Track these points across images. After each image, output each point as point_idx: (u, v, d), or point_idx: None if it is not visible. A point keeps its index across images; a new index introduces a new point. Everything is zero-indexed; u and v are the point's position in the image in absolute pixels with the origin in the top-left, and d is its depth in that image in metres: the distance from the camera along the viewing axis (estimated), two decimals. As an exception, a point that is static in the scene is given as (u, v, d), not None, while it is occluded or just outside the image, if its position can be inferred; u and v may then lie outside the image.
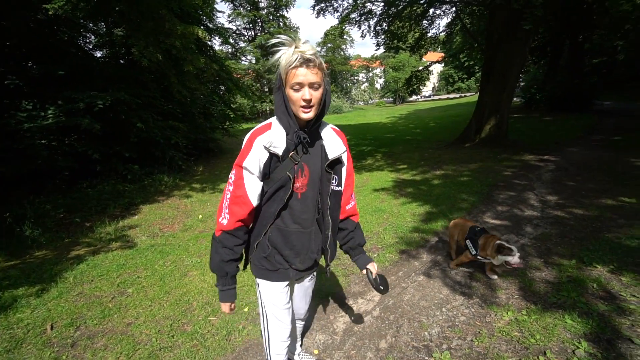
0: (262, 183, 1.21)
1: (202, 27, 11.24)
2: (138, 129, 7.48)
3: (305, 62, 1.03)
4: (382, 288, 1.39)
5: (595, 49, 22.62)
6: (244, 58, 29.91)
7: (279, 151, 1.16)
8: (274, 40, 1.08)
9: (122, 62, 9.31)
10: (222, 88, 14.17)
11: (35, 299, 2.69)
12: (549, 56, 18.91)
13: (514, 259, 2.27)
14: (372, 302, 2.41)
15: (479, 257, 2.46)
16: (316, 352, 1.97)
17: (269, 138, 1.15)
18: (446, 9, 11.02)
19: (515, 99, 14.99)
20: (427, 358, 1.83)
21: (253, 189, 1.19)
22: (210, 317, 2.35)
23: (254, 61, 29.54)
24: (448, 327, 2.07)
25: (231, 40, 27.86)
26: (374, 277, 1.41)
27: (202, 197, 6.67)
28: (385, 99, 50.57)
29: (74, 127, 6.41)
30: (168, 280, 2.97)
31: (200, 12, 11.14)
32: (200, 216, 5.35)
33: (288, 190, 1.19)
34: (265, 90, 30.42)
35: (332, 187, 1.28)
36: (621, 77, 22.29)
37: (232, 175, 1.20)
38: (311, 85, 1.07)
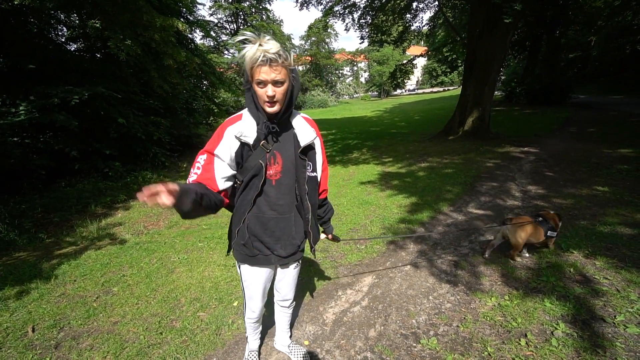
0: (232, 170, 1.27)
1: (182, 20, 10.94)
2: (118, 124, 7.25)
3: (268, 60, 1.07)
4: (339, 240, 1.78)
5: (570, 44, 23.43)
6: (226, 52, 29.28)
7: (250, 140, 1.22)
8: (239, 38, 1.14)
9: (98, 56, 8.94)
10: (205, 82, 13.86)
11: (14, 302, 2.59)
12: (528, 50, 19.45)
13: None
14: (360, 292, 2.45)
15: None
16: (306, 342, 1.99)
17: (240, 128, 1.21)
18: (429, 2, 11.11)
19: (496, 92, 15.37)
20: (415, 344, 1.88)
21: (221, 174, 1.24)
22: (199, 313, 2.33)
23: (237, 54, 28.99)
24: (435, 314, 2.13)
25: (213, 34, 27.20)
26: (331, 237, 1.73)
27: (188, 194, 6.55)
28: (370, 93, 50.80)
29: (48, 124, 6.13)
30: (155, 277, 2.92)
31: (180, 4, 10.81)
32: (186, 213, 5.26)
33: (261, 177, 1.25)
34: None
35: (307, 173, 1.36)
36: (594, 72, 23.20)
37: (199, 160, 1.22)
38: (274, 83, 1.12)
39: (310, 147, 1.36)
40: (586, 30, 20.02)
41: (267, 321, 2.08)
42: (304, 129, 1.33)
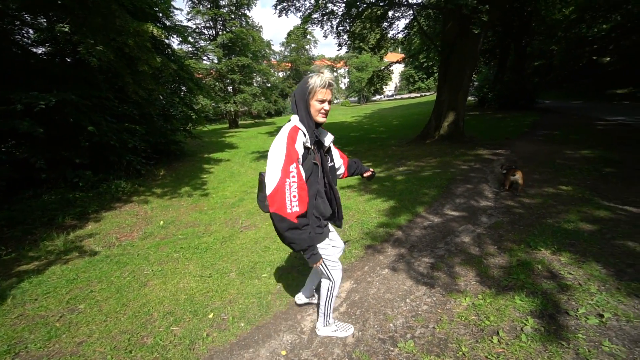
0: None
1: (158, 25, 10.70)
2: (89, 132, 6.94)
3: (329, 85, 1.57)
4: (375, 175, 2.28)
5: (535, 53, 24.88)
6: (205, 57, 28.86)
7: (310, 145, 1.60)
8: (313, 73, 1.63)
9: (69, 60, 8.55)
10: (183, 89, 13.58)
11: (-35, 326, 2.40)
12: (498, 58, 20.44)
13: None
14: (339, 298, 2.45)
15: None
16: (284, 353, 1.95)
17: (305, 137, 1.58)
18: (404, 11, 11.45)
19: (470, 97, 16.03)
20: (392, 349, 1.89)
21: (304, 176, 1.57)
22: (172, 327, 2.24)
23: (215, 60, 28.61)
24: (412, 317, 2.15)
25: (191, 39, 26.73)
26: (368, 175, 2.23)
27: (163, 203, 6.36)
28: (350, 99, 51.46)
29: (10, 132, 5.79)
30: (125, 292, 2.79)
31: (157, 9, 10.59)
32: (162, 222, 5.10)
33: (317, 174, 1.67)
34: (229, 90, 29.58)
35: (329, 164, 1.82)
36: (557, 79, 24.71)
37: (292, 169, 1.49)
38: (329, 102, 1.61)
39: (329, 148, 1.86)
40: (548, 40, 21.41)
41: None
42: (326, 135, 1.79)
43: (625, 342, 1.75)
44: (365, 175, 2.22)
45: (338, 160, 2.02)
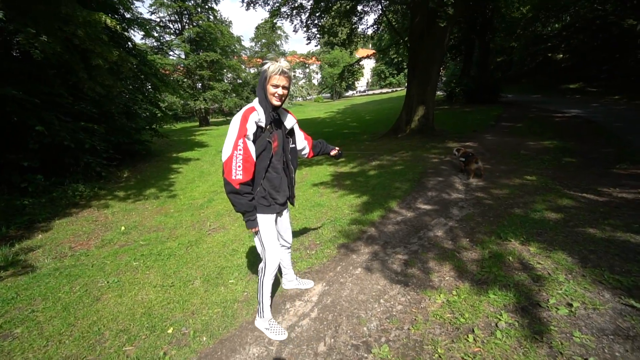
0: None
1: (116, 17, 9.97)
2: (38, 132, 6.30)
3: (283, 72, 1.71)
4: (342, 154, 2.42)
5: (498, 49, 26.04)
6: (171, 53, 27.48)
7: (263, 124, 1.77)
8: (269, 56, 2.01)
9: (14, 54, 7.71)
10: (148, 85, 12.78)
11: None
12: (464, 54, 21.13)
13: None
14: (310, 302, 2.32)
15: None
16: (252, 367, 1.80)
17: (258, 115, 1.75)
18: (372, 5, 11.45)
19: (438, 92, 16.42)
20: (366, 355, 1.78)
21: (252, 150, 1.76)
22: (125, 347, 2.01)
23: (183, 56, 27.34)
24: (386, 319, 2.07)
25: (155, 33, 25.29)
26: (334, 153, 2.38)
27: (126, 206, 5.92)
28: (322, 95, 51.37)
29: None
30: (74, 309, 2.49)
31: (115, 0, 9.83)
32: (123, 228, 4.71)
33: (270, 150, 1.83)
34: (199, 87, 28.44)
35: (290, 145, 2.03)
36: (516, 74, 26.05)
37: (239, 144, 1.70)
38: (283, 87, 1.75)
39: (292, 130, 2.04)
40: (508, 37, 22.47)
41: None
42: (288, 118, 1.98)
43: (594, 331, 1.76)
44: (331, 153, 2.36)
45: (302, 142, 2.18)
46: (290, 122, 1.97)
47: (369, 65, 56.03)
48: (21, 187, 6.24)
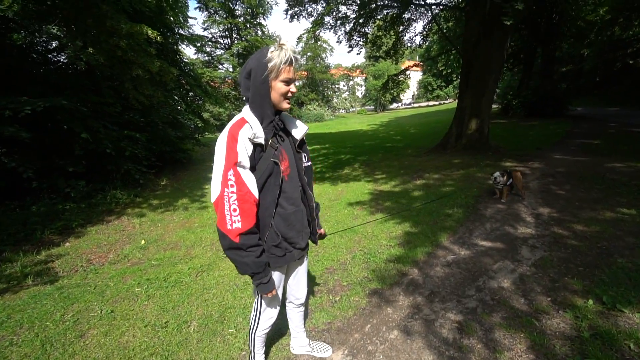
0: (254, 176, 1.25)
1: (168, 33, 10.50)
2: (84, 140, 6.56)
3: (295, 60, 1.23)
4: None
5: (564, 58, 23.43)
6: (220, 66, 29.02)
7: (262, 141, 1.24)
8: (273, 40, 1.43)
9: (77, 67, 8.30)
10: (191, 95, 13.31)
11: None
12: (523, 63, 19.24)
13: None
14: (325, 382, 1.69)
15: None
16: None
17: (252, 130, 1.22)
18: (421, 12, 10.73)
19: (493, 105, 14.95)
20: None
21: (251, 182, 1.23)
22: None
23: (231, 69, 28.69)
24: None
25: (207, 49, 26.91)
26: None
27: (156, 216, 5.82)
28: (366, 107, 50.77)
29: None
30: (53, 347, 2.14)
31: (171, 17, 10.37)
32: (143, 241, 4.51)
33: (279, 175, 1.29)
34: (244, 98, 29.54)
35: (304, 164, 1.46)
36: (587, 85, 23.15)
37: (230, 177, 1.19)
38: (295, 82, 1.29)
39: (303, 141, 1.45)
40: (578, 44, 20.02)
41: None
42: (298, 124, 1.43)
43: None
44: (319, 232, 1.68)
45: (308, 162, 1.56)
46: (300, 130, 1.43)
47: (415, 77, 54.47)
48: (65, 192, 6.48)
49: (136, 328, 2.29)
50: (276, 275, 1.41)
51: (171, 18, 10.77)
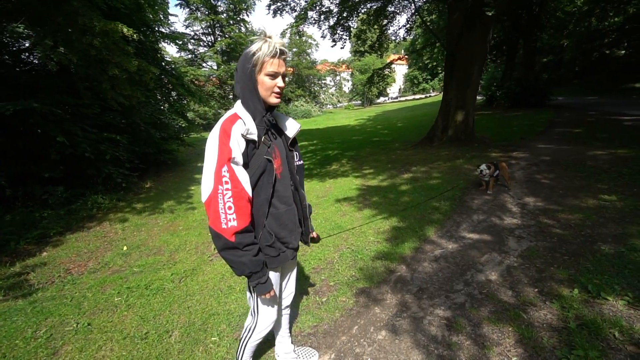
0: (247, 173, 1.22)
1: (155, 31, 10.19)
2: (61, 143, 6.27)
3: (281, 53, 1.17)
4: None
5: (545, 49, 23.86)
6: (204, 64, 28.44)
7: (255, 137, 1.21)
8: (257, 35, 1.21)
9: (54, 69, 7.93)
10: (174, 94, 12.97)
11: None
12: (506, 54, 19.50)
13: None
14: (311, 389, 1.63)
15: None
16: None
17: (245, 126, 1.18)
18: (405, 4, 10.69)
19: (477, 96, 15.11)
20: None
21: (245, 179, 1.19)
22: None
23: (215, 67, 28.15)
24: None
25: (190, 47, 26.31)
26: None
27: (139, 221, 5.63)
28: (353, 102, 50.78)
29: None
30: (24, 365, 2.02)
31: (150, 15, 10.02)
32: (125, 247, 4.35)
33: (272, 173, 1.25)
34: (230, 97, 29.05)
35: (296, 162, 1.44)
36: (567, 75, 23.67)
37: (224, 173, 1.14)
38: (283, 76, 1.22)
39: (294, 140, 1.43)
40: (558, 35, 20.41)
41: None
42: (288, 121, 1.40)
43: None
44: (312, 235, 1.68)
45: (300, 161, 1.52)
46: (293, 128, 1.40)
47: (401, 71, 54.69)
48: (42, 199, 6.21)
49: (114, 341, 2.17)
50: (272, 277, 1.36)
51: (150, 15, 10.43)
